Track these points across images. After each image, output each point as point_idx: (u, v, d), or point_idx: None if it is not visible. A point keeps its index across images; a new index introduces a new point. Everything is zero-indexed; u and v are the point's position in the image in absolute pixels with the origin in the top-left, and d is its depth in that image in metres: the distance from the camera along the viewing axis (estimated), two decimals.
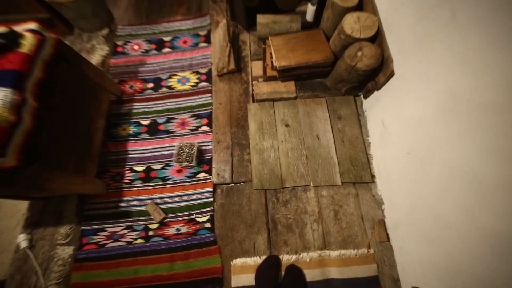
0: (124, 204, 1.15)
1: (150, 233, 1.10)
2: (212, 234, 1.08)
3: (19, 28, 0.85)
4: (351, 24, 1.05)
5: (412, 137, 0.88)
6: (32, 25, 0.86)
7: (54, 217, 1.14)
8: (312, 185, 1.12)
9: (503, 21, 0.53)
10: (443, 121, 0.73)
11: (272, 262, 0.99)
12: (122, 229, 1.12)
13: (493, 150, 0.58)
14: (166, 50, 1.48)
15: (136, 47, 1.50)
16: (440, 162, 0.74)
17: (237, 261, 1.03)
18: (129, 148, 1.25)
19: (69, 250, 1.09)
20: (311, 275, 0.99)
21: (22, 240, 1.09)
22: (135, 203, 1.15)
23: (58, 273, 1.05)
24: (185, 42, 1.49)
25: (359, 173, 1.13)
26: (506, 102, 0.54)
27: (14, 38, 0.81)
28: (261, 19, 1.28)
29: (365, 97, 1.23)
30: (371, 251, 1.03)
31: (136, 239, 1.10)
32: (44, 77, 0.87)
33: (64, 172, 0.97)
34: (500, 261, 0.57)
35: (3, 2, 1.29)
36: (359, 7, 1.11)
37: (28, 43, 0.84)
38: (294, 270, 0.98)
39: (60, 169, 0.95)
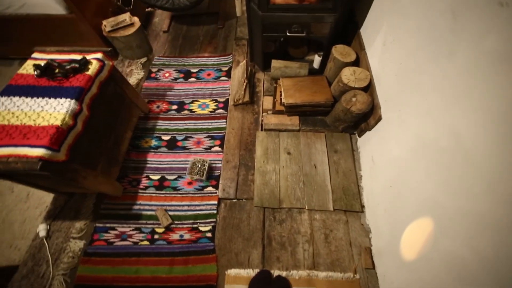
0: (136, 207, 1.28)
1: (156, 236, 1.21)
2: (211, 244, 1.18)
3: (89, 56, 1.10)
4: (348, 75, 1.29)
5: (393, 173, 1.03)
6: (99, 55, 1.11)
7: (72, 212, 1.27)
8: (306, 208, 1.24)
9: (451, 89, 0.73)
10: (415, 159, 0.89)
11: (264, 276, 1.07)
12: (131, 230, 1.23)
13: (448, 183, 0.72)
14: (192, 79, 1.74)
15: (167, 74, 1.77)
16: (413, 194, 0.88)
17: (232, 271, 1.11)
18: (148, 159, 1.42)
19: (81, 244, 1.20)
20: None
21: (41, 229, 1.21)
22: (146, 207, 1.28)
23: (67, 264, 1.14)
24: (209, 74, 1.76)
25: (350, 202, 1.25)
26: (452, 147, 0.71)
27: (85, 64, 1.06)
28: (275, 63, 1.55)
29: (359, 135, 1.41)
30: (357, 276, 1.10)
31: (142, 240, 1.20)
32: (97, 93, 1.10)
33: (95, 170, 1.13)
34: (460, 282, 0.67)
35: (74, 36, 1.61)
36: (355, 63, 1.36)
37: (92, 67, 1.08)
38: (282, 281, 1.05)
39: (92, 167, 1.12)
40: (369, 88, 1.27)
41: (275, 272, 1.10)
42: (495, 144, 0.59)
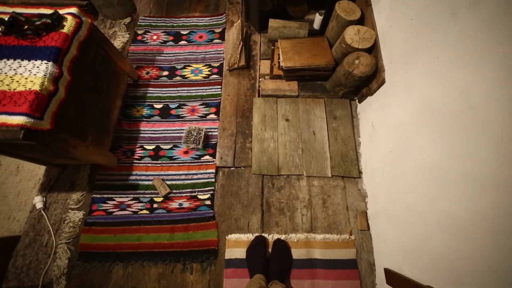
0: (133, 177, 1.26)
1: (155, 205, 1.21)
2: (211, 211, 1.19)
3: (62, 11, 0.96)
4: (352, 35, 1.19)
5: (395, 138, 1.01)
6: (73, 10, 0.97)
7: (67, 184, 1.25)
8: (305, 175, 1.24)
9: (467, 47, 0.67)
10: (418, 124, 0.86)
11: (259, 241, 1.10)
12: (129, 200, 1.22)
13: (452, 147, 0.70)
14: (183, 42, 1.60)
15: (155, 37, 1.62)
16: (414, 159, 0.87)
17: (232, 236, 1.14)
18: (141, 128, 1.36)
19: (80, 214, 1.19)
20: (297, 253, 1.11)
21: (37, 201, 1.19)
22: (143, 177, 1.26)
23: (68, 234, 1.15)
24: (200, 37, 1.62)
25: (348, 168, 1.25)
26: (461, 109, 0.67)
27: (58, 20, 0.93)
28: (272, 23, 1.42)
29: (360, 101, 1.36)
30: (352, 237, 1.15)
31: (141, 209, 1.20)
32: (77, 55, 0.99)
33: (85, 141, 1.08)
34: (452, 238, 0.70)
35: None
36: (360, 21, 1.25)
37: (68, 24, 0.95)
38: (280, 243, 1.09)
39: (82, 138, 1.06)
40: (373, 49, 1.19)
41: (274, 236, 1.14)
42: (508, 104, 0.55)
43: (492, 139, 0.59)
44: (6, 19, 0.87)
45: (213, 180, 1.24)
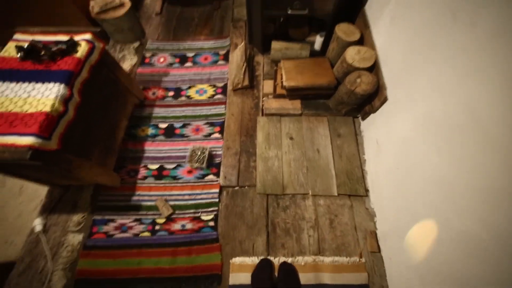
0: (135, 198, 1.24)
1: (157, 227, 1.17)
2: (214, 232, 1.15)
3: (77, 37, 1.01)
4: (353, 55, 1.22)
5: (400, 154, 1.00)
6: (88, 36, 1.02)
7: (69, 205, 1.23)
8: (310, 193, 1.21)
9: (469, 61, 0.68)
10: (424, 139, 0.85)
11: (264, 264, 1.05)
12: (130, 221, 1.19)
13: (460, 161, 0.69)
14: (188, 64, 1.66)
15: (162, 59, 1.68)
16: (422, 176, 0.85)
17: (236, 260, 1.09)
18: (146, 148, 1.37)
19: (79, 237, 1.16)
20: (305, 278, 1.05)
21: (37, 224, 1.16)
22: (146, 198, 1.24)
23: (66, 259, 1.11)
24: (206, 58, 1.68)
25: (354, 187, 1.23)
26: (466, 122, 0.67)
27: (73, 45, 0.97)
28: (275, 44, 1.47)
29: (363, 118, 1.37)
30: (363, 260, 1.09)
31: (143, 231, 1.17)
32: (88, 77, 1.02)
33: (89, 161, 1.07)
34: (470, 258, 0.66)
35: (59, 18, 1.50)
36: (360, 42, 1.29)
37: (82, 49, 1.00)
38: (287, 266, 1.04)
39: (87, 158, 1.06)
40: (374, 68, 1.22)
41: (281, 259, 1.08)
42: None
43: (500, 152, 0.58)
44: (26, 46, 0.92)
45: (217, 200, 1.22)
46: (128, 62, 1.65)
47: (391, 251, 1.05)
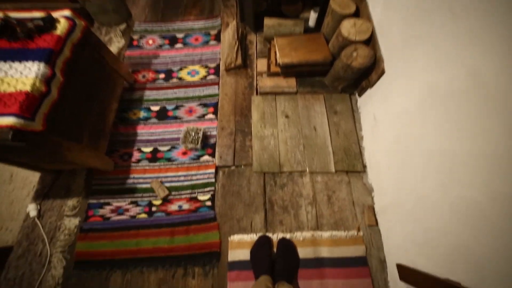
0: (130, 181, 1.22)
1: (154, 208, 1.16)
2: (212, 212, 1.14)
3: (55, 14, 0.96)
4: (348, 28, 1.18)
5: (399, 127, 0.98)
6: (67, 12, 0.97)
7: (63, 190, 1.21)
8: (308, 171, 1.20)
9: (472, 23, 0.65)
10: (423, 110, 0.83)
11: (263, 241, 1.05)
12: (126, 204, 1.18)
13: (462, 129, 0.67)
14: (179, 45, 1.60)
15: (150, 41, 1.62)
16: (421, 147, 0.84)
17: (235, 237, 1.09)
18: (138, 131, 1.34)
19: (75, 221, 1.15)
20: (303, 252, 1.06)
21: (31, 209, 1.15)
22: (140, 180, 1.22)
23: (64, 242, 1.10)
24: (196, 39, 1.62)
25: (351, 163, 1.22)
26: (469, 88, 0.65)
27: (51, 22, 0.92)
28: (268, 21, 1.42)
29: (360, 95, 1.34)
30: (361, 233, 1.10)
31: (139, 213, 1.16)
32: (71, 57, 0.98)
33: (80, 144, 1.04)
34: (470, 225, 0.65)
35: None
36: (355, 15, 1.25)
37: (61, 26, 0.94)
38: (285, 242, 1.04)
39: (77, 140, 1.03)
40: (371, 41, 1.18)
41: (279, 235, 1.09)
42: None
43: (506, 115, 0.56)
44: None
45: (213, 180, 1.20)
46: (115, 45, 1.59)
47: (388, 224, 1.05)
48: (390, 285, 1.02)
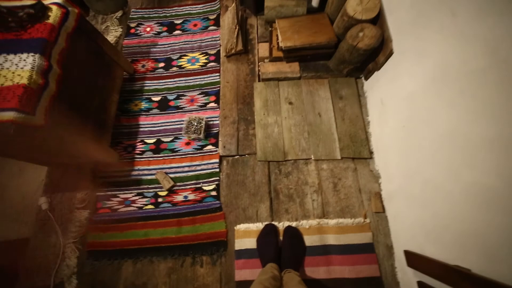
0: (135, 173, 1.23)
1: (159, 199, 1.18)
2: (217, 202, 1.15)
3: (46, 1, 0.92)
4: (354, 6, 1.11)
5: (407, 110, 0.94)
6: None
7: (71, 184, 1.23)
8: (313, 158, 1.18)
9: None
10: (435, 91, 0.78)
11: (269, 229, 1.06)
12: (133, 196, 1.19)
13: (476, 110, 0.63)
14: (177, 32, 1.54)
15: (148, 29, 1.57)
16: (431, 130, 0.80)
17: (241, 226, 1.10)
18: (141, 122, 1.33)
19: (85, 213, 1.17)
20: (309, 240, 1.06)
21: (43, 202, 1.17)
22: (145, 172, 1.23)
23: (75, 233, 1.13)
24: (195, 25, 1.56)
25: (358, 149, 1.19)
26: (487, 66, 0.60)
27: (41, 10, 0.89)
28: (268, 2, 1.34)
29: (366, 78, 1.28)
30: (367, 220, 1.09)
31: (146, 205, 1.17)
32: (67, 47, 0.95)
33: (83, 137, 1.04)
34: (483, 210, 0.63)
35: None
36: None
37: (53, 15, 0.91)
38: (292, 230, 1.05)
39: (80, 134, 1.03)
40: (378, 20, 1.11)
41: (285, 223, 1.09)
42: None
43: None
44: None
45: (218, 170, 1.20)
46: (112, 34, 1.54)
47: (396, 210, 1.04)
48: (397, 271, 1.02)
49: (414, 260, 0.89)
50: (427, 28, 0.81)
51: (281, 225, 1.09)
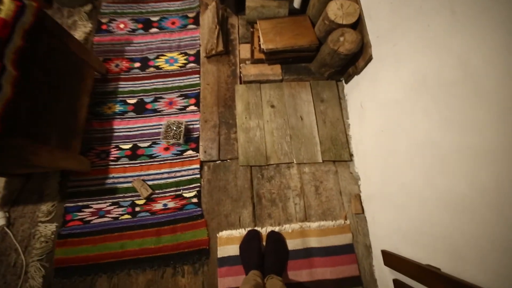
0: (110, 181, 1.15)
1: (137, 208, 1.11)
2: (199, 209, 1.11)
3: None
4: (335, 10, 1.11)
5: (386, 116, 0.97)
6: None
7: (34, 195, 1.12)
8: (295, 162, 1.18)
9: (463, 10, 0.61)
10: (411, 99, 0.81)
11: (252, 235, 1.05)
12: (108, 206, 1.12)
13: (449, 120, 0.66)
14: (154, 30, 1.46)
15: (122, 25, 1.46)
16: (408, 136, 0.83)
17: (223, 233, 1.07)
18: (115, 126, 1.24)
19: (52, 227, 1.08)
20: (292, 244, 1.07)
21: None
22: (121, 180, 1.16)
23: (40, 250, 1.04)
24: (173, 23, 1.48)
25: (338, 152, 1.21)
26: (459, 78, 0.63)
27: None
28: (250, 2, 1.31)
29: (346, 81, 1.31)
30: (347, 222, 1.12)
31: (122, 214, 1.11)
32: (24, 45, 0.85)
33: (47, 145, 0.95)
34: (453, 215, 0.66)
35: None
36: None
37: (6, 8, 0.81)
38: (274, 235, 1.04)
39: (43, 142, 0.94)
40: (358, 25, 1.13)
41: (268, 228, 1.08)
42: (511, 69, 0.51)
43: (494, 108, 0.55)
44: None
45: (198, 176, 1.16)
46: (80, 30, 1.42)
47: (374, 212, 1.07)
48: (375, 269, 1.06)
49: (390, 259, 0.92)
50: (404, 36, 0.84)
51: (264, 230, 1.08)
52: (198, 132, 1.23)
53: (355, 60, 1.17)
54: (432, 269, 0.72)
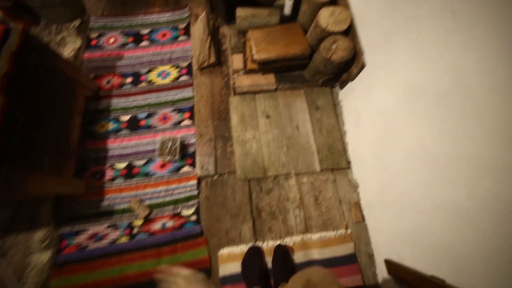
0: (106, 202, 1.13)
1: (135, 230, 1.09)
2: (198, 226, 1.09)
3: None
4: (326, 18, 1.11)
5: (381, 123, 0.96)
6: None
7: (27, 222, 1.08)
8: (293, 173, 1.17)
9: (456, 20, 0.60)
10: (405, 107, 0.80)
11: (253, 252, 1.03)
12: (104, 228, 1.09)
13: (445, 130, 0.65)
14: (144, 43, 1.44)
15: (111, 40, 1.44)
16: (404, 144, 0.82)
17: (224, 251, 1.05)
18: (109, 145, 1.22)
19: (47, 255, 1.04)
20: (294, 257, 1.05)
21: None
22: (117, 200, 1.13)
23: (35, 281, 1.00)
24: (164, 35, 1.46)
25: (336, 160, 1.20)
26: (451, 88, 0.62)
27: None
28: (240, 12, 1.30)
29: (341, 87, 1.30)
30: (349, 231, 1.10)
31: (120, 237, 1.08)
32: (11, 69, 0.83)
33: (39, 172, 0.92)
34: (453, 224, 0.65)
35: None
36: (333, 1, 1.16)
37: None
38: (282, 248, 1.03)
39: (35, 169, 0.91)
40: (350, 32, 1.12)
41: (269, 243, 1.07)
42: (505, 80, 0.50)
43: (489, 119, 0.54)
44: None
45: (196, 192, 1.14)
46: (70, 46, 1.40)
47: (375, 219, 1.06)
48: (379, 278, 1.05)
49: (394, 269, 0.91)
50: (396, 44, 0.83)
51: (265, 245, 1.06)
52: (194, 147, 1.21)
53: (348, 67, 1.16)
54: (436, 281, 0.71)
